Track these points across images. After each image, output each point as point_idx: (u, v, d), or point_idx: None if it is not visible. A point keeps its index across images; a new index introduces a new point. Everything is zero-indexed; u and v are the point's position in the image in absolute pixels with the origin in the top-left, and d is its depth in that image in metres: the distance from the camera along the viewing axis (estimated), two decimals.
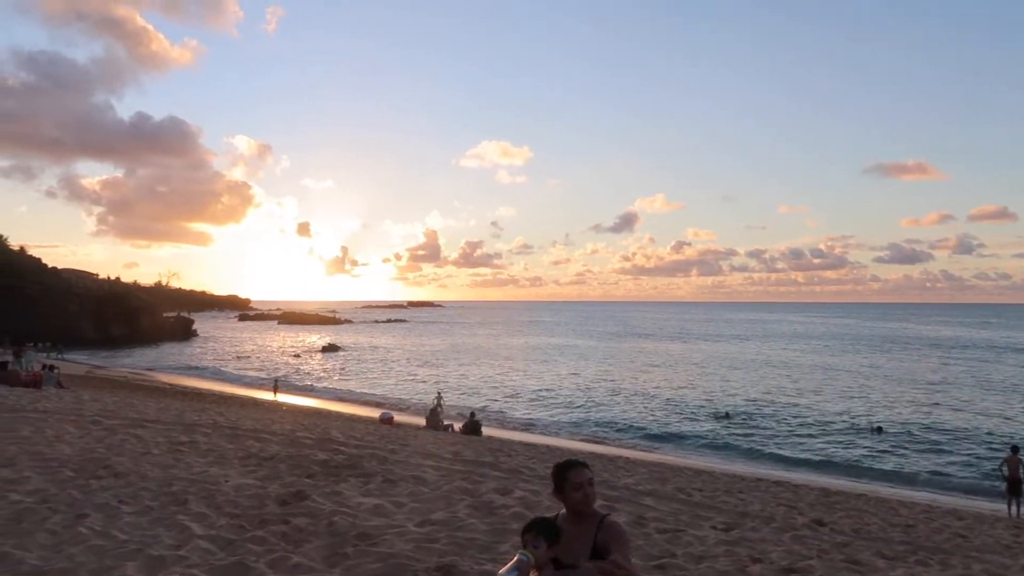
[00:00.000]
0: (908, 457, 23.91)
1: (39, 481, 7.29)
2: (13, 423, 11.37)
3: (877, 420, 29.65)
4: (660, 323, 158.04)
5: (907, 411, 33.34)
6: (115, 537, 5.49)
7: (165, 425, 12.84)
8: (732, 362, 59.94)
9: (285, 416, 20.39)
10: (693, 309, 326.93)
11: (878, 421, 29.32)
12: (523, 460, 13.31)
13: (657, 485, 11.76)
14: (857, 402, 36.40)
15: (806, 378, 47.69)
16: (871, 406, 34.97)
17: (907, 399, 37.64)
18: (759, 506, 10.50)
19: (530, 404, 36.20)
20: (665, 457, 22.44)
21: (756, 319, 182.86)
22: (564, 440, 25.64)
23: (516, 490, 8.39)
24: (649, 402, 36.15)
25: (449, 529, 6.21)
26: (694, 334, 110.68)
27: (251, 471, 8.62)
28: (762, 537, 7.31)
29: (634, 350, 76.63)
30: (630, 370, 53.69)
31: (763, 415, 31.77)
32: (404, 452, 11.68)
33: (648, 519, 7.60)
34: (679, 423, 30.02)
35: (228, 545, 5.44)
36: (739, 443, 26.01)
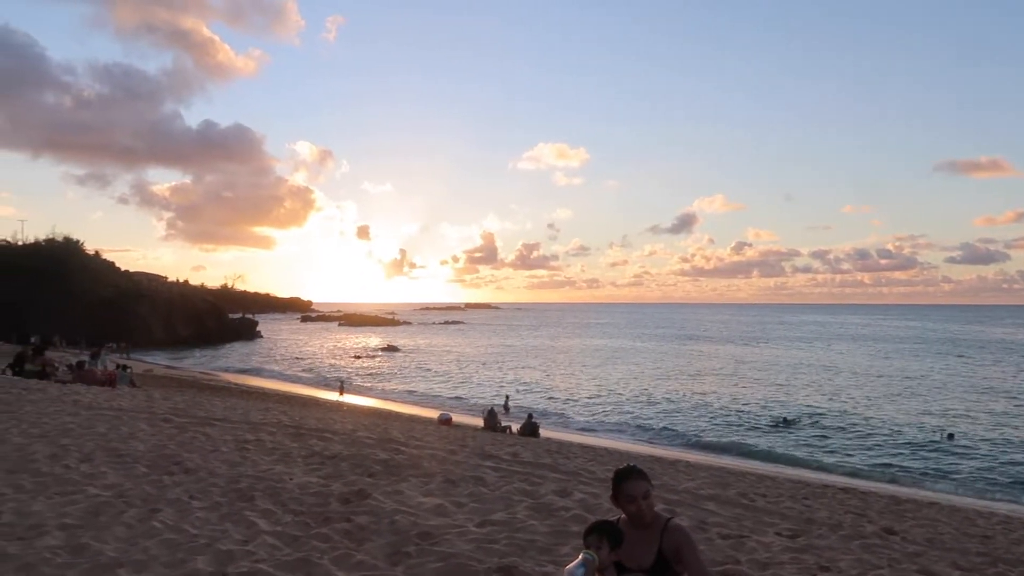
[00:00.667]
0: (982, 465, 22.94)
1: (115, 476, 7.58)
2: (91, 420, 11.85)
3: (949, 426, 28.53)
4: (720, 325, 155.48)
5: (981, 417, 32.03)
6: (186, 531, 5.66)
7: (232, 424, 13.20)
8: (795, 365, 58.53)
9: (346, 416, 20.73)
10: (754, 311, 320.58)
11: (950, 427, 28.20)
12: (582, 462, 13.24)
13: (719, 490, 11.54)
14: (927, 407, 35.12)
15: (873, 382, 46.26)
16: (942, 411, 33.70)
17: (980, 405, 36.16)
18: (826, 513, 10.21)
19: (588, 406, 36.02)
20: (726, 461, 22.04)
21: (820, 321, 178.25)
22: (622, 443, 25.41)
23: (575, 492, 8.35)
24: (708, 406, 35.56)
25: (509, 530, 6.21)
26: (755, 337, 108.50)
27: (314, 469, 8.79)
28: (830, 545, 7.10)
29: (693, 352, 75.55)
30: (688, 373, 52.94)
31: (827, 420, 30.89)
32: (463, 453, 11.75)
33: (710, 524, 7.46)
34: (738, 428, 29.43)
35: (293, 541, 5.55)
36: (801, 449, 25.36)
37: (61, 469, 7.72)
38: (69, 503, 6.27)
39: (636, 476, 3.50)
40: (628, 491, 3.42)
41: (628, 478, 3.50)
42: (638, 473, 3.52)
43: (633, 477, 3.49)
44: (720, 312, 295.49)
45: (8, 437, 9.52)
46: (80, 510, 6.07)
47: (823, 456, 24.36)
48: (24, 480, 7.06)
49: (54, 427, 10.71)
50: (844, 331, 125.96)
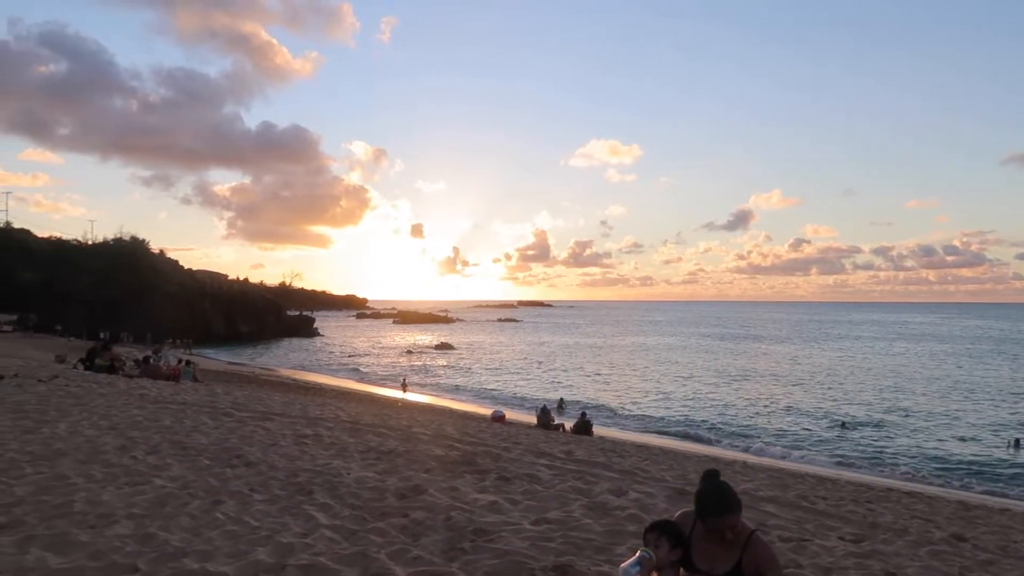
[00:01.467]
0: None
1: (180, 468, 7.79)
2: (156, 413, 12.23)
3: (1018, 433, 27.30)
4: (776, 324, 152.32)
5: None
6: (247, 523, 5.78)
7: (290, 418, 13.46)
8: (854, 366, 56.94)
9: (401, 412, 20.96)
10: (813, 309, 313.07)
11: (1017, 434, 26.99)
12: (636, 461, 13.11)
13: (778, 491, 11.30)
14: (995, 412, 33.76)
15: (937, 384, 44.69)
16: (1013, 415, 32.36)
17: None
18: (891, 518, 9.89)
19: (641, 404, 35.68)
20: (783, 463, 21.57)
21: (882, 320, 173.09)
22: (677, 442, 25.10)
23: (631, 492, 8.26)
24: (764, 407, 34.86)
25: (564, 528, 6.17)
26: (813, 336, 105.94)
27: (371, 464, 8.89)
28: (896, 551, 6.87)
29: (748, 351, 74.18)
30: (743, 372, 51.98)
31: (888, 424, 29.93)
32: (517, 450, 11.74)
33: (770, 527, 7.29)
34: (795, 430, 28.74)
35: (351, 535, 5.62)
36: (861, 452, 24.61)
37: (129, 460, 7.99)
38: (137, 493, 6.48)
39: (728, 511, 3.12)
40: (715, 524, 3.13)
41: (719, 515, 3.12)
42: (730, 507, 3.13)
43: (726, 512, 3.12)
44: (777, 310, 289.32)
45: (80, 429, 9.89)
46: (147, 500, 6.26)
47: (883, 457, 23.63)
48: (95, 470, 7.31)
49: (122, 420, 11.08)
50: (907, 330, 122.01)
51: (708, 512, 3.15)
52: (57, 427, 9.89)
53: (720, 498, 3.17)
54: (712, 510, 3.14)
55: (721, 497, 3.17)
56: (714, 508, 3.14)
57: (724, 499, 3.16)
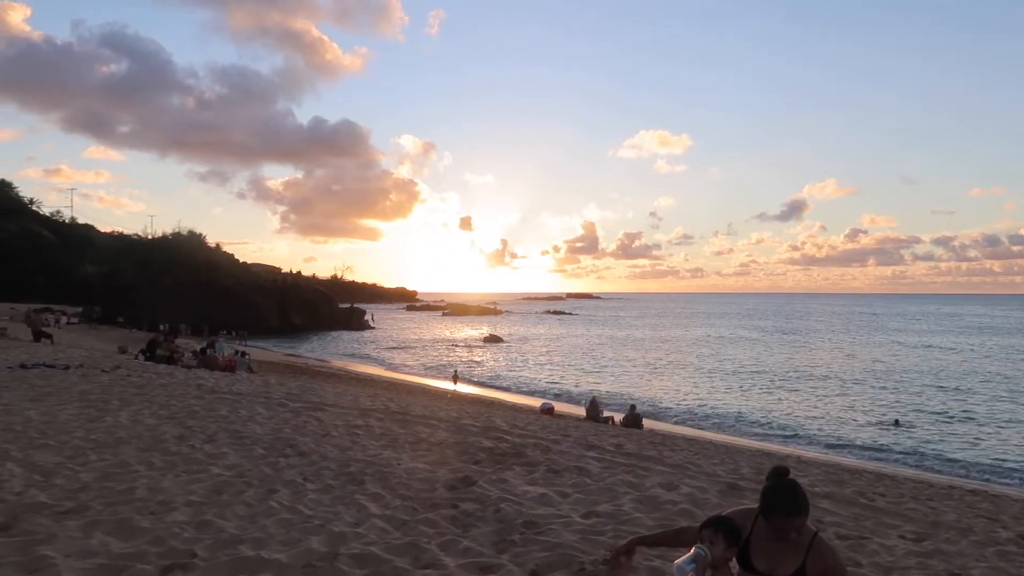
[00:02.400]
0: None
1: (235, 457, 7.97)
2: (213, 403, 12.53)
3: None
4: (831, 315, 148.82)
5: None
6: (301, 512, 5.87)
7: (342, 409, 13.65)
8: (911, 360, 55.29)
9: (450, 403, 21.09)
10: (870, 301, 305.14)
11: None
12: (687, 455, 12.94)
13: (834, 488, 11.02)
14: None
15: (998, 378, 43.12)
16: None
17: None
18: (954, 516, 9.56)
19: (691, 397, 35.27)
20: (838, 458, 21.07)
21: (943, 312, 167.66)
22: (727, 436, 24.73)
23: (682, 486, 8.16)
24: (816, 401, 34.06)
25: (615, 522, 6.12)
26: (869, 328, 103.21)
27: (421, 455, 8.96)
28: (960, 551, 6.63)
29: (799, 344, 72.66)
30: (795, 365, 50.93)
31: (946, 421, 28.92)
32: (566, 442, 11.70)
33: (827, 524, 7.12)
34: (848, 426, 27.98)
35: (402, 526, 5.66)
36: (918, 448, 23.85)
37: (187, 449, 8.20)
38: (195, 481, 6.64)
39: (797, 512, 2.98)
40: (779, 526, 3.00)
41: (779, 514, 2.99)
42: (799, 507, 2.99)
43: (795, 512, 2.98)
44: (832, 302, 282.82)
45: (141, 418, 10.19)
46: (204, 488, 6.41)
47: (943, 457, 22.85)
48: (155, 458, 7.53)
49: (181, 409, 11.39)
50: (967, 323, 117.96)
51: (776, 511, 3.01)
52: (119, 416, 10.21)
53: (790, 497, 3.02)
54: (781, 509, 3.00)
55: (791, 496, 3.02)
56: (783, 507, 3.01)
57: (795, 498, 3.02)
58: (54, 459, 7.19)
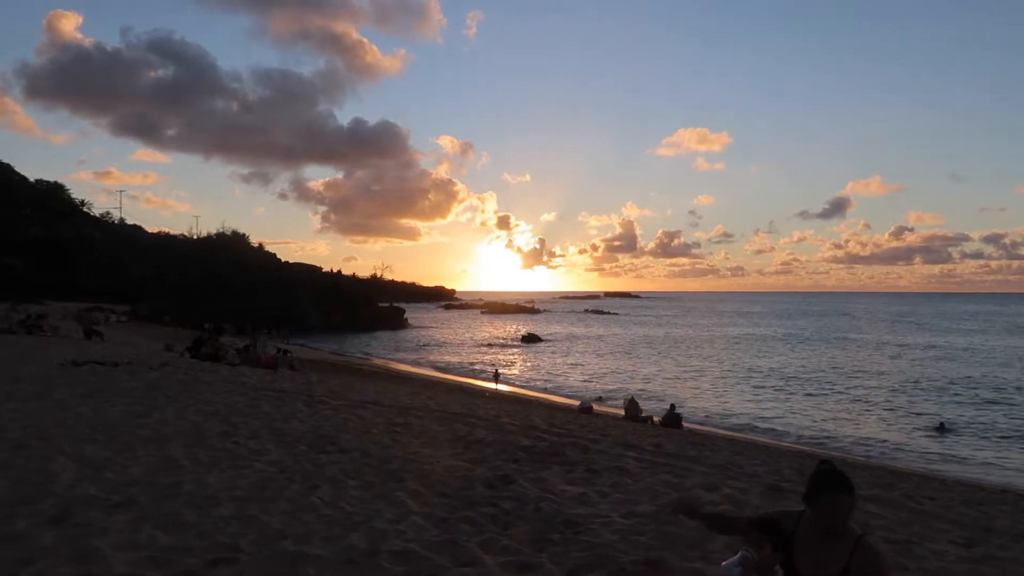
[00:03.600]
0: None
1: (278, 453, 8.09)
2: (256, 400, 12.74)
3: None
4: (876, 315, 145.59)
5: None
6: (342, 508, 5.94)
7: (382, 407, 13.77)
8: (958, 363, 53.79)
9: (489, 402, 21.14)
10: (916, 300, 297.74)
11: None
12: (728, 456, 12.78)
13: (880, 491, 10.78)
14: None
15: None
16: None
17: None
18: (1006, 522, 9.28)
19: (732, 398, 34.83)
20: (884, 460, 20.62)
21: (993, 312, 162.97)
22: (768, 438, 24.36)
23: (723, 487, 8.06)
24: (859, 402, 33.38)
25: (655, 523, 6.07)
26: (915, 328, 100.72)
27: (460, 453, 8.99)
28: (1013, 557, 6.43)
29: (842, 344, 71.23)
30: (836, 366, 49.96)
31: (994, 425, 27.99)
32: (605, 442, 11.64)
33: (873, 527, 6.96)
34: (893, 428, 27.29)
35: (441, 523, 5.69)
36: (964, 452, 23.14)
37: (231, 445, 8.35)
38: (239, 476, 6.76)
39: (841, 490, 2.96)
40: (830, 506, 2.97)
41: (831, 492, 2.97)
42: (843, 486, 2.97)
43: (839, 490, 2.96)
44: (877, 301, 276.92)
45: (186, 414, 10.41)
46: (248, 483, 6.52)
47: (991, 461, 22.13)
48: (200, 454, 7.68)
49: (225, 406, 11.60)
50: (1018, 323, 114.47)
51: (823, 489, 2.98)
52: (166, 412, 10.44)
53: (836, 476, 3.00)
54: (827, 486, 2.98)
55: (837, 476, 3.00)
56: (829, 484, 2.98)
57: (841, 477, 3.00)
58: (103, 454, 7.38)
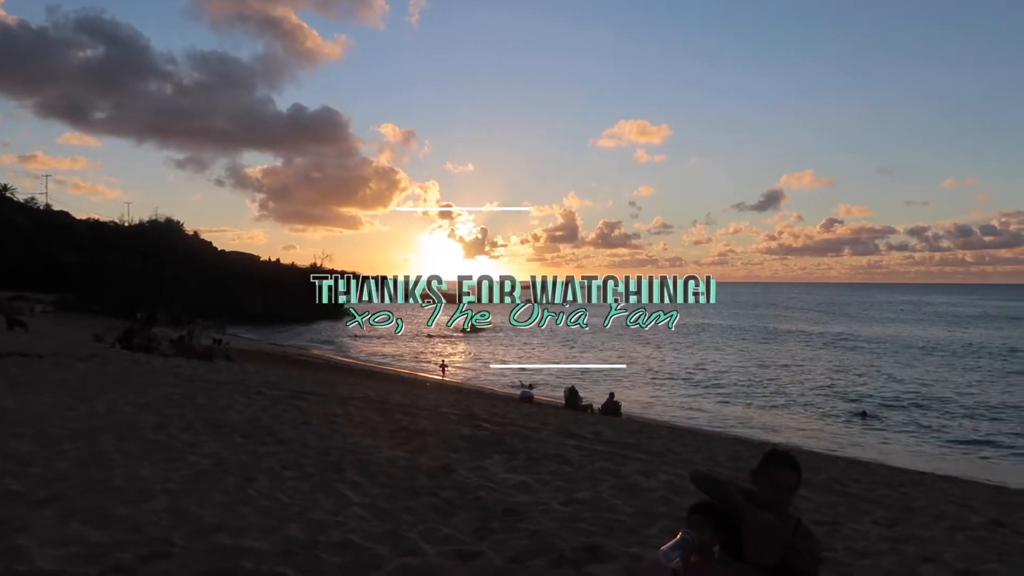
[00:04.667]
0: None
1: (214, 445, 7.92)
2: (191, 392, 12.43)
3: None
4: (807, 305, 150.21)
5: None
6: (280, 500, 5.85)
7: (321, 397, 13.60)
8: (880, 350, 56.02)
9: (430, 392, 21.10)
10: (845, 290, 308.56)
11: None
12: (666, 443, 13.05)
13: (809, 474, 11.13)
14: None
15: (966, 366, 43.89)
16: None
17: None
18: (925, 502, 9.73)
19: (667, 386, 35.53)
20: (812, 445, 21.34)
21: (916, 301, 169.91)
22: (704, 425, 24.95)
23: (661, 473, 8.23)
24: (788, 389, 34.46)
25: (594, 509, 6.16)
26: (843, 318, 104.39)
27: (401, 444, 8.96)
28: (932, 536, 6.75)
29: (777, 333, 73.38)
30: (769, 354, 51.51)
31: (912, 410, 29.25)
32: (545, 431, 11.75)
33: (802, 510, 7.19)
34: (817, 414, 28.22)
35: (382, 514, 5.66)
36: (887, 437, 24.12)
37: (165, 437, 8.13)
38: (172, 469, 6.59)
39: (789, 465, 3.21)
40: (775, 477, 3.18)
41: (780, 464, 3.21)
42: (792, 462, 3.23)
43: (786, 465, 3.21)
44: (809, 291, 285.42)
45: (118, 406, 10.09)
46: (182, 476, 6.37)
47: (912, 446, 23.13)
48: (132, 447, 7.46)
49: (158, 398, 11.29)
50: (943, 311, 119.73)
51: (772, 460, 3.23)
52: (96, 404, 10.10)
53: (786, 454, 3.28)
54: (776, 459, 3.23)
55: (787, 454, 3.29)
56: (778, 457, 3.24)
57: (790, 456, 3.27)
58: (29, 448, 7.10)
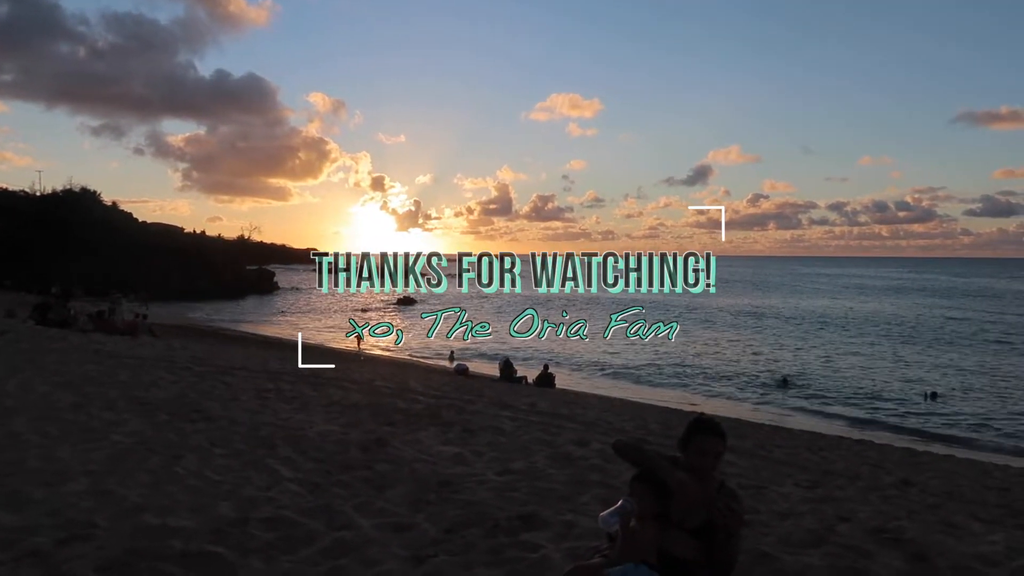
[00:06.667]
0: (992, 421, 22.62)
1: (138, 424, 7.66)
2: (113, 369, 11.98)
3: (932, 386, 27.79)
4: (735, 278, 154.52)
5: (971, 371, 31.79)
6: (209, 478, 5.72)
7: (251, 372, 13.31)
8: (802, 320, 58.19)
9: (364, 366, 20.90)
10: (769, 263, 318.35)
11: (932, 387, 27.50)
12: (598, 413, 13.29)
13: (736, 440, 11.54)
14: (935, 362, 34.85)
15: (882, 336, 46.00)
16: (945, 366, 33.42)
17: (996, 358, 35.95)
18: (843, 464, 10.21)
19: (597, 357, 36.08)
20: (738, 412, 22.07)
21: (835, 274, 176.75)
22: (636, 394, 25.47)
23: (593, 442, 8.37)
24: (714, 361, 35.47)
25: (529, 479, 6.23)
26: (766, 289, 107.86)
27: (334, 418, 8.85)
28: (848, 496, 7.09)
29: (703, 305, 75.29)
30: (694, 325, 52.90)
31: (828, 375, 30.58)
32: (480, 403, 11.80)
33: (729, 475, 7.44)
34: (740, 382, 29.19)
35: (315, 489, 5.59)
36: (807, 403, 25.15)
37: (84, 417, 7.82)
38: (93, 450, 6.35)
39: (715, 433, 3.30)
40: (702, 445, 3.27)
41: (706, 432, 3.30)
42: (718, 430, 3.32)
43: (713, 433, 3.30)
44: (737, 264, 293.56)
45: (32, 386, 9.64)
46: (104, 456, 6.14)
47: (826, 410, 24.13)
48: (49, 427, 7.14)
49: (77, 375, 10.83)
50: (859, 283, 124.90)
51: (698, 429, 3.32)
52: (7, 384, 9.61)
53: (711, 421, 3.40)
54: (702, 428, 3.33)
55: (712, 421, 3.41)
56: (704, 426, 3.34)
57: (714, 422, 3.38)
58: None
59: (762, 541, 4.91)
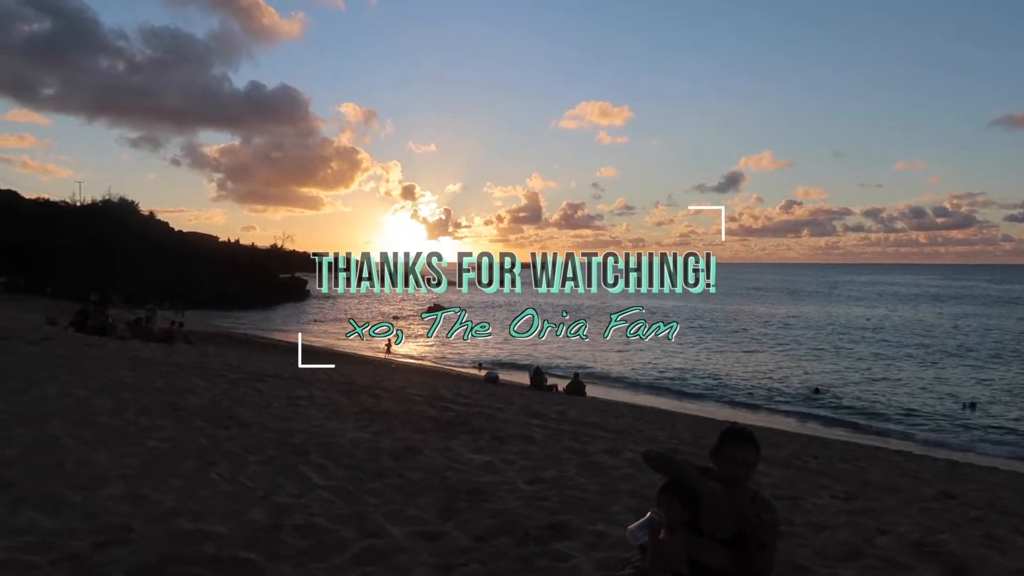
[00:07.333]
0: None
1: (172, 429, 7.76)
2: (148, 375, 12.17)
3: (970, 396, 27.03)
4: (767, 285, 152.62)
5: None
6: (242, 484, 5.76)
7: (284, 379, 13.43)
8: (837, 328, 57.24)
9: (395, 373, 20.98)
10: (803, 271, 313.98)
11: (971, 398, 26.75)
12: (629, 421, 13.18)
13: (770, 451, 11.36)
14: (975, 373, 34.00)
15: (919, 346, 45.05)
16: (977, 377, 32.59)
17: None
18: (880, 476, 9.98)
19: (629, 366, 35.84)
20: (773, 422, 21.75)
21: (871, 281, 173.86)
22: (667, 402, 25.25)
23: (625, 451, 8.30)
24: (747, 367, 35.06)
25: (559, 488, 6.19)
26: (803, 297, 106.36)
27: (365, 425, 8.89)
28: (887, 508, 6.93)
29: (732, 314, 74.45)
30: (731, 334, 52.29)
31: (863, 385, 29.95)
32: (511, 411, 11.77)
33: (763, 485, 7.32)
34: (770, 392, 28.74)
35: (346, 496, 5.61)
36: (841, 413, 24.66)
37: (121, 422, 7.94)
38: (129, 455, 6.44)
39: (747, 442, 3.25)
40: (735, 455, 3.21)
41: (738, 441, 3.24)
42: (750, 439, 3.27)
43: (744, 442, 3.24)
44: (769, 272, 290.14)
45: (71, 390, 9.82)
46: (139, 461, 6.22)
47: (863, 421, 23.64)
48: (86, 432, 7.26)
49: (114, 382, 11.02)
50: (897, 291, 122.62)
51: (731, 438, 3.26)
52: (46, 389, 9.81)
53: (744, 430, 3.33)
54: (734, 436, 3.27)
55: (745, 430, 3.34)
56: (736, 435, 3.28)
57: (747, 432, 3.32)
58: None
59: (798, 553, 4.82)
